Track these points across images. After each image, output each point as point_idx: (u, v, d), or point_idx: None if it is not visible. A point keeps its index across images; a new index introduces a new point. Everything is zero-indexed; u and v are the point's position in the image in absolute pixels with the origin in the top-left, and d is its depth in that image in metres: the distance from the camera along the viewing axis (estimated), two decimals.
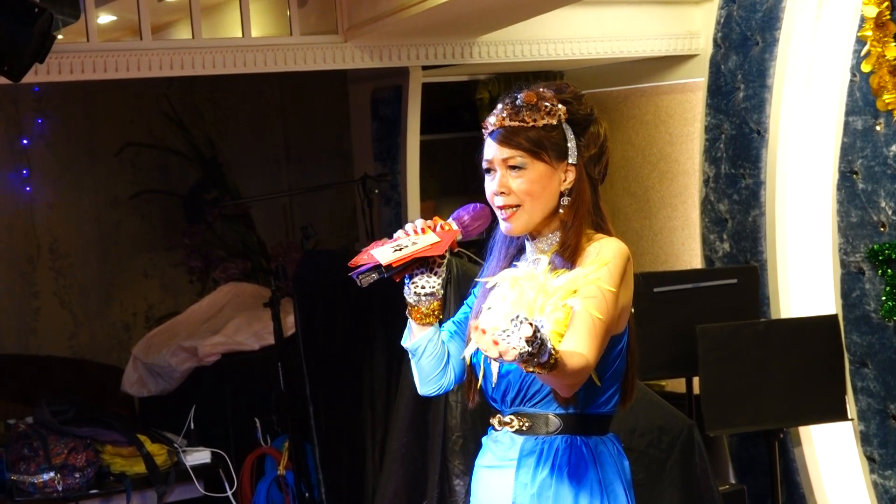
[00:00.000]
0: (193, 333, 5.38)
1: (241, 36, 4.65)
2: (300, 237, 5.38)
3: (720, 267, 5.11)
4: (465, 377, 2.68)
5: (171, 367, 5.23)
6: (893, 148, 4.48)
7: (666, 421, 3.81)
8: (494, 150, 2.53)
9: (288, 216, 6.86)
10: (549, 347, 2.15)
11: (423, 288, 2.56)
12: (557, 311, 2.41)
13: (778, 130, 4.90)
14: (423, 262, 2.53)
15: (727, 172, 5.11)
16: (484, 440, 2.66)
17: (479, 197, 2.59)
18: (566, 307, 2.40)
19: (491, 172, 2.55)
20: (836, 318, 4.60)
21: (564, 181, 2.53)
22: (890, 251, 4.44)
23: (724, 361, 4.39)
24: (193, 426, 4.96)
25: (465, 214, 2.57)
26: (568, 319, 2.40)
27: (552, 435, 2.52)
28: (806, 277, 4.95)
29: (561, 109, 2.53)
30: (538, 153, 2.50)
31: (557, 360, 2.18)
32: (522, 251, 2.62)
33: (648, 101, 5.72)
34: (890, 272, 4.45)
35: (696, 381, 4.60)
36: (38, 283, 6.32)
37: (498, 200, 2.53)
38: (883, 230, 4.49)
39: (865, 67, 4.49)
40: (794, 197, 4.94)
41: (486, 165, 2.55)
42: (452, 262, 3.75)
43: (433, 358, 2.62)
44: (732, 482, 5.08)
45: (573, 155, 2.52)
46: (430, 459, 3.75)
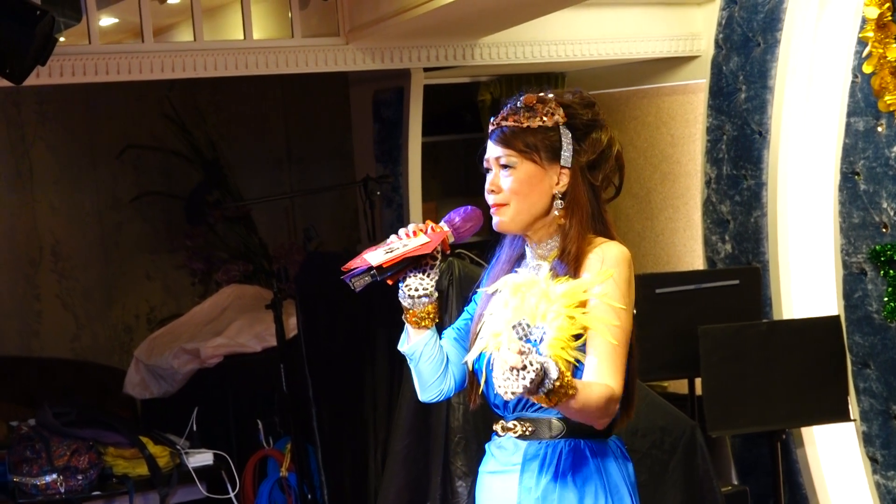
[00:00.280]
0: (195, 335, 5.38)
1: (242, 38, 4.65)
2: (302, 239, 5.38)
3: (722, 268, 5.10)
4: (465, 384, 2.68)
5: (173, 368, 5.23)
6: (895, 149, 4.47)
7: (668, 422, 3.81)
8: (490, 149, 2.58)
9: (290, 218, 6.86)
10: (548, 369, 2.17)
11: (416, 290, 2.57)
12: (560, 318, 2.42)
13: (779, 131, 4.89)
14: (415, 264, 2.55)
15: (729, 173, 5.10)
16: (487, 447, 2.66)
17: (480, 198, 2.61)
18: (569, 315, 2.41)
19: (489, 172, 2.59)
20: (838, 318, 4.60)
21: (557, 184, 2.54)
22: (892, 252, 4.44)
23: (726, 362, 4.39)
24: (196, 428, 4.96)
25: (455, 216, 2.60)
26: (571, 328, 2.41)
27: (555, 439, 2.52)
28: (808, 278, 4.94)
29: (559, 113, 2.54)
30: (528, 153, 2.53)
31: (565, 383, 2.19)
32: (524, 257, 2.63)
33: (650, 102, 5.72)
34: (892, 273, 4.45)
35: (698, 382, 4.60)
36: (40, 285, 6.32)
37: (489, 199, 2.57)
38: (885, 231, 4.49)
39: (867, 68, 4.49)
40: (795, 198, 4.93)
41: (484, 165, 2.60)
42: (454, 263, 3.75)
43: (431, 362, 2.63)
44: (735, 483, 5.08)
45: (567, 158, 2.53)
46: (432, 461, 3.75)
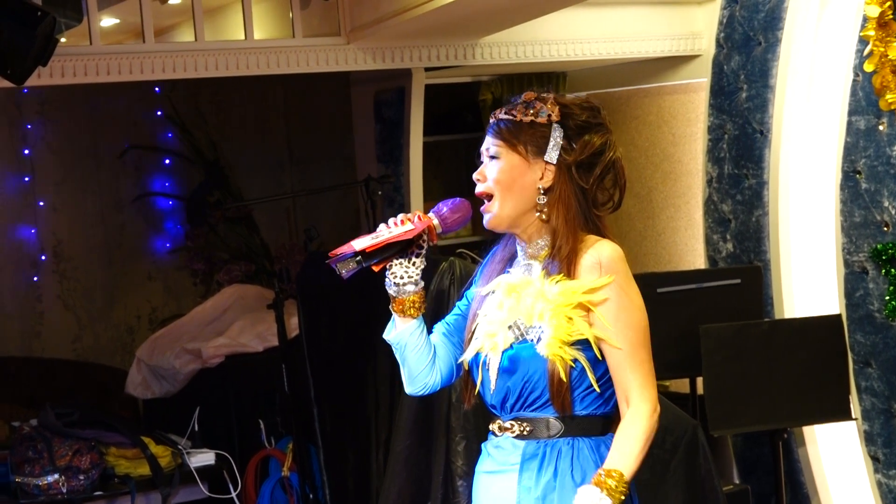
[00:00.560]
0: (197, 336, 5.38)
1: (243, 38, 4.66)
2: (303, 239, 5.37)
3: (724, 267, 5.10)
4: (452, 379, 2.69)
5: (174, 369, 5.24)
6: None
7: (670, 421, 3.81)
8: (484, 141, 2.60)
9: (291, 218, 6.86)
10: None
11: (400, 278, 2.58)
12: (558, 317, 2.42)
13: (781, 130, 4.89)
14: (401, 252, 2.56)
15: (730, 173, 5.10)
16: (483, 446, 2.66)
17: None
18: (567, 315, 2.43)
19: (482, 164, 2.62)
20: (839, 317, 4.59)
21: (541, 178, 2.54)
22: (893, 251, 4.43)
23: (727, 361, 4.38)
24: (197, 428, 4.96)
25: (444, 207, 2.61)
26: (570, 327, 2.42)
27: (554, 438, 2.52)
28: (809, 277, 4.94)
29: (555, 111, 2.54)
30: (514, 144, 2.54)
31: (623, 489, 2.39)
32: (516, 256, 2.63)
33: (651, 101, 5.72)
34: (893, 272, 4.44)
35: (699, 381, 4.60)
36: (41, 286, 6.32)
37: (477, 188, 2.59)
38: (886, 230, 4.49)
39: (868, 67, 4.48)
40: (797, 197, 4.93)
41: (479, 159, 2.62)
42: (456, 262, 3.75)
43: (418, 353, 2.63)
44: (736, 482, 5.07)
45: (552, 155, 2.53)
46: (433, 461, 3.75)
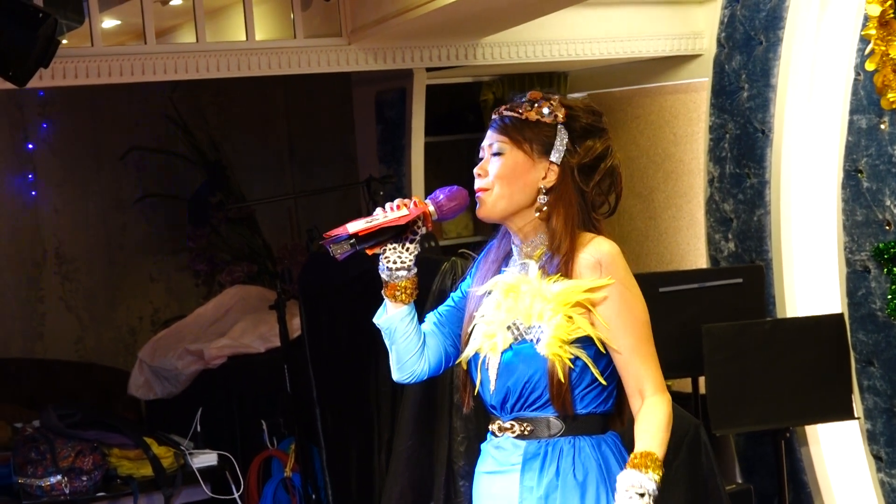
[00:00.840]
0: (199, 336, 5.38)
1: (245, 39, 4.66)
2: (305, 240, 5.38)
3: (725, 266, 5.10)
4: (441, 370, 2.68)
5: (177, 370, 5.24)
6: None
7: (672, 420, 3.80)
8: (486, 137, 2.59)
9: (293, 219, 6.87)
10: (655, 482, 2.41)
11: (393, 263, 2.57)
12: (557, 316, 2.42)
13: (782, 130, 4.89)
14: (395, 237, 2.55)
15: (732, 172, 5.10)
16: (483, 447, 2.65)
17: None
18: (567, 315, 2.43)
19: (482, 159, 2.60)
20: (841, 316, 4.59)
21: (544, 178, 2.54)
22: (895, 249, 4.43)
23: (729, 361, 4.38)
24: (200, 429, 4.96)
25: (440, 194, 2.60)
26: (569, 326, 2.43)
27: (555, 437, 2.52)
28: (811, 276, 4.94)
29: (560, 111, 2.54)
30: (519, 142, 2.53)
31: (658, 466, 2.45)
32: (511, 255, 2.63)
33: (653, 101, 5.72)
34: (895, 270, 4.44)
35: (701, 380, 4.60)
36: (43, 287, 6.33)
37: (476, 183, 2.57)
38: (888, 228, 4.48)
39: (869, 66, 4.48)
40: (798, 196, 4.93)
41: (480, 154, 2.60)
42: (457, 262, 3.75)
43: (407, 340, 2.62)
44: (739, 482, 5.07)
45: (557, 155, 2.53)
46: (435, 461, 3.75)
